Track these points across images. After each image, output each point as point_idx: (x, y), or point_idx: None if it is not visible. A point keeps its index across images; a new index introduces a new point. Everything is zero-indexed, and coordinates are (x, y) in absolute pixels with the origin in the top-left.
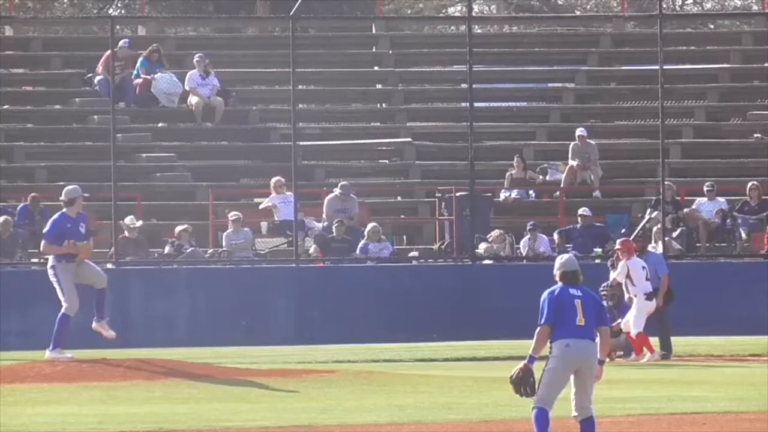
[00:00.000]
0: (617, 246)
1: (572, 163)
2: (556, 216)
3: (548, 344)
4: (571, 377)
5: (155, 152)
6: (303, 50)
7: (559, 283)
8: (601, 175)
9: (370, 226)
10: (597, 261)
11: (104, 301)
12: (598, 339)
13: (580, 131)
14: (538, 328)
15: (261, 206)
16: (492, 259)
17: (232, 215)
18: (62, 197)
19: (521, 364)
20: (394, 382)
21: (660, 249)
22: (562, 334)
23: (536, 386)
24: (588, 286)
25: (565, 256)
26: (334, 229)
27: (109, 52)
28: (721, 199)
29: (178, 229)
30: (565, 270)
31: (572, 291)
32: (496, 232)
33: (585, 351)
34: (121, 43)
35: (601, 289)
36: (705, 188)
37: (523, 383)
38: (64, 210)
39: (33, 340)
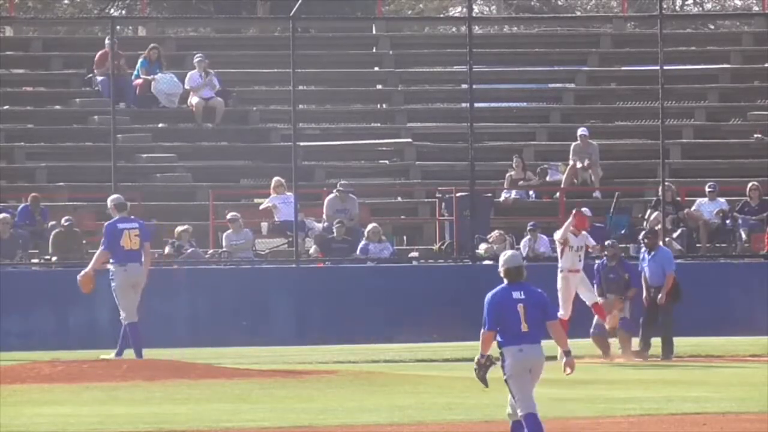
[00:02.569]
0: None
1: (573, 162)
2: (556, 216)
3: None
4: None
5: (155, 153)
6: (303, 51)
7: (504, 281)
8: (601, 175)
9: (370, 226)
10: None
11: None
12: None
13: (581, 131)
14: (483, 332)
15: (261, 207)
16: (492, 260)
17: (230, 216)
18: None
19: (476, 358)
20: (394, 383)
21: None
22: (511, 340)
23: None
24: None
25: (509, 252)
26: (334, 230)
27: (100, 52)
28: (722, 200)
29: (179, 229)
30: (509, 267)
31: (515, 294)
32: (496, 233)
33: (536, 355)
34: (106, 41)
35: (607, 243)
36: (707, 188)
37: (482, 371)
38: None
39: (33, 340)
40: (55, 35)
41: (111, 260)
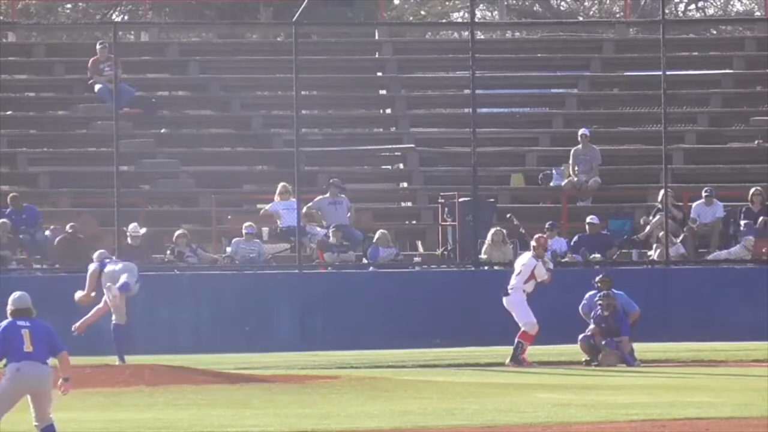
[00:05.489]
0: (535, 243)
1: (572, 175)
2: (559, 221)
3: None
4: (29, 398)
5: (158, 158)
6: (306, 56)
7: (10, 318)
8: (600, 183)
9: (378, 232)
10: (596, 267)
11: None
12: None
13: (582, 131)
14: None
15: (261, 213)
16: (495, 264)
17: (246, 226)
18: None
19: None
20: (396, 388)
21: (657, 254)
22: (12, 359)
23: None
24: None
25: (17, 293)
26: (330, 235)
27: (93, 58)
28: (721, 204)
29: (176, 233)
30: (16, 308)
31: (20, 323)
32: (498, 236)
33: (35, 372)
34: (98, 45)
35: (597, 299)
36: (703, 193)
37: None
38: None
39: None
40: (58, 41)
41: None
